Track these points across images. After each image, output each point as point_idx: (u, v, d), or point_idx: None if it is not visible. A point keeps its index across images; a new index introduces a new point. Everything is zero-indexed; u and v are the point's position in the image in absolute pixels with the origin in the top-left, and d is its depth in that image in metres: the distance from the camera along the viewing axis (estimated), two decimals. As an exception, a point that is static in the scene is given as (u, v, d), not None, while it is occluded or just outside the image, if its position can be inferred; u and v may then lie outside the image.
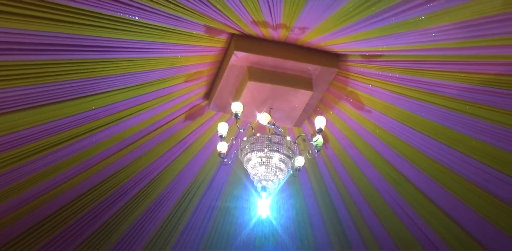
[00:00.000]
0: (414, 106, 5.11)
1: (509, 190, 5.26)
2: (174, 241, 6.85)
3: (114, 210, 6.22)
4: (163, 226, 6.68)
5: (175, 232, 6.79)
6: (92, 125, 5.18)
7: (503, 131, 4.82)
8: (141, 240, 6.68)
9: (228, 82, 5.25)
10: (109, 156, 5.64)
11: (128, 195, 6.17)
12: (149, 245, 6.78)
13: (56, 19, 3.95)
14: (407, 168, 5.80)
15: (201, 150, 6.04)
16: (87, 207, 6.02)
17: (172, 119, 5.61)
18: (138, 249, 6.73)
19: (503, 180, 5.22)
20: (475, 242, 5.97)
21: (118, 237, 6.50)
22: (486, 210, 5.60)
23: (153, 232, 6.69)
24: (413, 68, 4.75)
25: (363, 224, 6.71)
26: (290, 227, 7.02)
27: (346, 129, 5.73)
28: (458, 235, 6.05)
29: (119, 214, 6.29)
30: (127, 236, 6.53)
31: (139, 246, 6.71)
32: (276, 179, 4.91)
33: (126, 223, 6.42)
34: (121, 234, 6.50)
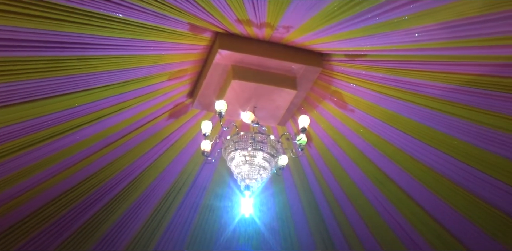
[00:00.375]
0: (397, 106, 5.14)
1: (489, 189, 5.29)
2: (157, 240, 6.83)
3: (97, 208, 6.19)
4: (146, 224, 6.66)
5: (158, 230, 6.77)
6: (75, 122, 5.14)
7: (483, 131, 4.86)
8: (124, 238, 6.65)
9: (212, 81, 5.24)
10: (93, 153, 5.61)
11: (112, 192, 6.14)
12: (132, 244, 6.75)
13: (38, 16, 3.92)
14: (389, 167, 5.84)
15: (185, 148, 6.02)
16: (70, 204, 5.99)
17: (155, 117, 5.59)
18: (121, 247, 6.71)
19: (483, 179, 5.26)
20: (457, 242, 6.01)
21: (101, 234, 6.46)
22: (468, 209, 5.64)
23: (136, 230, 6.66)
24: (396, 68, 4.78)
25: (346, 223, 6.73)
26: (274, 225, 7.03)
27: (329, 128, 5.75)
28: (440, 235, 6.08)
29: (102, 212, 6.26)
30: (110, 234, 6.50)
31: (122, 244, 6.69)
32: (259, 178, 4.91)
33: (109, 221, 6.39)
34: (104, 232, 6.46)
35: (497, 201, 5.36)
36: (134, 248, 6.77)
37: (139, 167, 6.04)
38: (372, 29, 4.29)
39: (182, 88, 5.45)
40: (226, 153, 4.97)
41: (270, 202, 6.79)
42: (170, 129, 5.80)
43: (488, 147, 4.98)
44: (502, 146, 4.88)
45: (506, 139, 4.79)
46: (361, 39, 4.51)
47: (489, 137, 4.89)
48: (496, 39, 4.01)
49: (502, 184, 5.16)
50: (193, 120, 5.80)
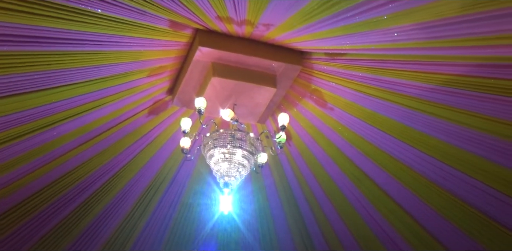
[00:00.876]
0: (375, 104, 5.18)
1: (466, 188, 5.35)
2: (135, 237, 6.80)
3: (77, 203, 6.15)
4: (125, 221, 6.63)
5: (137, 227, 6.74)
6: (53, 118, 5.10)
7: (460, 130, 4.92)
8: (103, 235, 6.61)
9: (192, 78, 5.23)
10: (71, 149, 5.57)
11: (91, 188, 6.11)
12: (110, 240, 6.72)
13: (14, 10, 3.86)
14: (367, 165, 5.88)
15: (164, 145, 6.01)
16: (49, 200, 5.94)
17: (135, 114, 5.57)
18: (100, 244, 6.67)
19: (460, 178, 5.32)
20: (434, 239, 6.07)
21: (81, 229, 6.43)
22: (444, 208, 5.70)
23: (115, 227, 6.63)
24: (375, 67, 4.81)
25: (324, 220, 6.76)
26: (253, 223, 7.04)
27: (309, 126, 5.77)
28: (417, 232, 6.14)
29: (81, 208, 6.23)
30: (90, 229, 6.47)
31: (101, 241, 6.65)
32: (238, 175, 4.92)
33: (89, 216, 6.36)
34: (84, 227, 6.43)
35: (473, 200, 5.42)
36: (113, 244, 6.74)
37: (119, 163, 6.01)
38: (351, 28, 4.31)
39: (162, 85, 5.43)
40: (205, 150, 4.97)
41: (249, 200, 6.80)
42: (149, 126, 5.78)
43: (464, 146, 5.04)
44: (478, 145, 4.93)
45: (482, 138, 4.84)
46: (341, 38, 4.53)
47: (466, 136, 4.94)
48: (473, 39, 4.05)
49: (478, 183, 5.22)
50: (172, 117, 5.78)
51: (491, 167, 5.01)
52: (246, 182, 6.51)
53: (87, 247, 6.57)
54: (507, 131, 4.64)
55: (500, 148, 4.81)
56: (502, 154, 4.85)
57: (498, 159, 4.90)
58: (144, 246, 6.93)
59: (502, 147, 4.81)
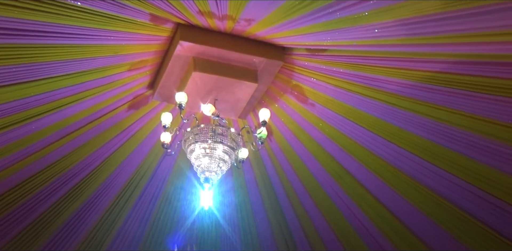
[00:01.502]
0: (356, 101, 5.20)
1: (444, 184, 5.41)
2: (115, 232, 6.76)
3: (55, 198, 6.10)
4: (105, 217, 6.59)
5: (117, 223, 6.70)
6: (32, 112, 5.05)
7: (438, 126, 4.96)
8: (82, 231, 6.57)
9: (173, 72, 5.21)
10: (50, 143, 5.52)
11: (71, 183, 6.06)
12: (89, 236, 6.67)
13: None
14: (348, 161, 5.91)
15: (145, 139, 5.98)
16: (27, 195, 5.88)
17: (115, 108, 5.53)
18: (78, 239, 6.61)
19: (438, 174, 5.37)
20: (413, 235, 6.13)
21: (60, 225, 6.37)
22: (423, 203, 5.75)
23: (94, 223, 6.59)
24: (356, 63, 4.83)
25: (304, 215, 6.78)
26: (233, 218, 7.05)
27: (290, 122, 5.78)
28: (396, 227, 6.19)
29: (61, 202, 6.17)
30: (69, 224, 6.42)
31: (80, 236, 6.60)
32: (219, 171, 4.91)
33: (68, 211, 6.31)
34: (63, 222, 6.38)
35: (451, 195, 5.48)
36: (92, 238, 6.69)
37: (98, 158, 5.97)
38: (333, 24, 4.32)
39: (142, 79, 5.40)
40: (186, 145, 4.96)
41: (229, 195, 6.80)
42: (129, 120, 5.74)
43: (443, 142, 5.09)
44: (456, 141, 4.99)
45: (460, 134, 4.90)
46: (322, 33, 4.54)
47: (444, 132, 4.99)
48: (452, 37, 4.09)
49: (456, 179, 5.28)
50: (153, 112, 5.75)
51: (468, 162, 5.06)
52: (227, 177, 6.51)
53: (66, 242, 6.52)
54: (484, 127, 4.69)
55: (478, 144, 4.87)
56: (480, 150, 4.90)
57: (475, 155, 4.96)
58: (124, 241, 6.89)
59: (479, 143, 4.86)
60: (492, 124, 4.63)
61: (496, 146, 4.79)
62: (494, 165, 4.94)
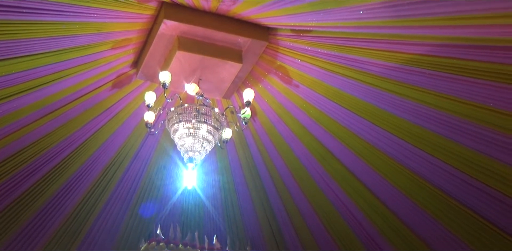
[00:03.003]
0: (341, 82, 5.19)
1: (428, 167, 5.44)
2: (97, 213, 6.72)
3: (35, 179, 6.04)
4: (86, 197, 6.55)
5: (99, 203, 6.67)
6: (12, 90, 4.98)
7: (423, 110, 4.97)
8: (63, 211, 6.51)
9: (157, 51, 5.16)
10: (31, 122, 5.46)
11: (51, 163, 6.00)
12: (71, 217, 6.62)
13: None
14: (332, 144, 5.92)
15: (128, 119, 5.94)
16: (7, 174, 5.82)
17: (98, 87, 5.47)
18: (59, 220, 6.56)
19: (422, 157, 5.39)
20: (397, 218, 6.15)
21: (39, 206, 6.32)
22: (407, 187, 5.76)
23: (76, 203, 6.55)
24: (341, 45, 4.81)
25: (288, 197, 6.81)
26: (217, 198, 7.05)
27: (274, 103, 5.77)
28: (380, 210, 6.22)
29: (42, 182, 6.11)
30: (48, 206, 6.37)
31: (60, 217, 6.54)
32: (203, 150, 4.92)
33: (49, 192, 6.25)
34: (43, 203, 6.32)
35: (434, 179, 5.50)
36: (74, 219, 6.66)
37: (80, 137, 5.92)
38: (318, 5, 4.29)
39: (126, 58, 5.35)
40: (169, 124, 4.95)
41: (213, 175, 6.80)
42: (112, 100, 5.69)
43: (427, 125, 5.11)
44: (441, 125, 5.00)
45: (444, 117, 4.91)
46: (307, 14, 4.50)
47: (428, 115, 5.01)
48: (437, 19, 4.08)
49: (439, 162, 5.30)
50: (136, 91, 5.71)
51: (452, 146, 5.08)
52: (211, 158, 6.51)
53: (48, 221, 6.49)
54: (467, 111, 4.71)
55: (461, 127, 4.88)
56: (463, 133, 4.92)
57: (458, 138, 4.98)
58: (106, 221, 6.87)
59: (463, 127, 4.88)
60: (476, 108, 4.65)
61: (479, 130, 4.80)
62: (477, 148, 4.95)
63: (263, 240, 7.25)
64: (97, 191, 6.54)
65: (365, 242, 6.60)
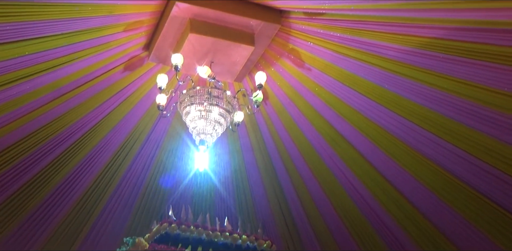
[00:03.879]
0: (354, 66, 5.16)
1: (440, 151, 5.41)
2: (109, 195, 6.77)
3: (48, 160, 6.09)
4: (99, 179, 6.60)
5: (111, 185, 6.71)
6: (25, 71, 5.00)
7: (436, 94, 4.93)
8: (75, 193, 6.57)
9: (169, 34, 5.16)
10: (44, 104, 5.49)
11: (63, 146, 6.05)
12: (83, 198, 6.67)
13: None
14: (344, 127, 5.90)
15: (140, 101, 5.96)
16: (19, 156, 5.88)
17: (110, 69, 5.48)
18: (71, 202, 6.62)
19: (434, 141, 5.36)
20: (405, 199, 6.13)
21: (51, 188, 6.37)
22: (416, 169, 5.74)
23: (88, 185, 6.60)
24: (354, 28, 4.77)
25: (299, 180, 6.82)
26: (228, 181, 7.09)
27: (286, 86, 5.76)
28: (389, 192, 6.20)
29: (53, 165, 6.17)
30: (60, 188, 6.42)
31: (72, 199, 6.60)
32: (214, 133, 4.93)
33: (60, 174, 6.31)
34: (54, 186, 6.38)
35: (444, 162, 5.47)
36: (86, 201, 6.72)
37: (92, 120, 5.96)
38: (331, -13, 4.26)
39: (138, 40, 5.34)
40: (181, 107, 4.97)
41: (224, 158, 6.83)
42: (124, 82, 5.71)
43: (439, 109, 5.07)
44: (453, 109, 4.96)
45: (457, 102, 4.87)
46: (320, -3, 4.48)
47: (441, 100, 4.97)
48: (452, 3, 4.03)
49: (453, 147, 5.26)
50: (148, 73, 5.72)
51: (463, 130, 5.04)
52: (222, 141, 6.52)
53: (61, 202, 6.55)
54: (481, 94, 4.66)
55: (474, 111, 4.83)
56: (476, 117, 4.87)
57: (471, 122, 4.93)
58: (118, 203, 6.92)
59: (475, 111, 4.83)
60: (489, 92, 4.60)
61: (494, 115, 4.75)
62: (491, 133, 4.91)
63: (274, 223, 7.28)
64: (109, 173, 6.59)
65: (373, 223, 6.59)
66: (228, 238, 4.83)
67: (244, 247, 4.83)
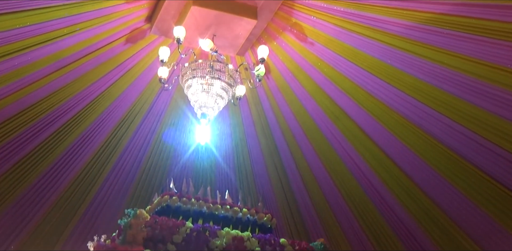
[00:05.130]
0: (357, 41, 5.13)
1: (440, 127, 5.41)
2: (109, 168, 6.77)
3: (51, 131, 6.09)
4: (100, 151, 6.61)
5: (112, 157, 6.72)
6: (27, 42, 4.97)
7: (440, 70, 4.91)
8: (76, 165, 6.58)
9: (171, 6, 5.12)
10: (45, 76, 5.47)
11: (64, 118, 6.04)
12: (84, 170, 6.67)
13: None
14: (346, 103, 5.90)
15: (141, 74, 5.94)
16: (22, 126, 5.87)
17: (112, 41, 5.45)
18: (72, 174, 6.63)
19: (435, 117, 5.36)
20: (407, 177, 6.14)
21: (52, 161, 6.37)
22: (417, 145, 5.75)
23: (89, 157, 6.61)
24: (357, 2, 4.73)
25: (300, 154, 6.84)
26: (229, 154, 7.11)
27: (288, 60, 5.73)
28: (390, 168, 6.21)
29: (53, 137, 6.17)
30: (61, 160, 6.42)
31: (74, 171, 6.61)
32: (216, 107, 4.93)
33: (61, 147, 6.31)
34: (55, 158, 6.38)
35: (447, 139, 5.48)
36: (87, 173, 6.74)
37: (93, 92, 5.94)
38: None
39: (140, 12, 5.30)
40: (183, 80, 4.94)
41: (226, 131, 6.83)
42: (126, 54, 5.68)
43: (442, 85, 5.06)
44: (455, 85, 4.96)
45: (460, 78, 4.86)
46: (325, -30, 4.42)
47: (444, 76, 4.96)
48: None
49: (451, 122, 5.27)
50: (150, 46, 5.69)
51: (464, 106, 5.04)
52: (224, 114, 6.52)
53: (63, 173, 6.56)
54: (484, 71, 4.64)
55: (476, 88, 4.84)
56: (477, 94, 4.87)
57: (472, 98, 4.93)
58: (120, 175, 6.94)
59: (480, 88, 4.83)
60: (493, 69, 4.59)
61: (495, 91, 4.75)
62: (491, 109, 4.91)
63: (274, 196, 7.33)
64: (110, 145, 6.59)
65: (373, 198, 6.62)
66: (229, 211, 4.86)
67: (245, 220, 4.87)
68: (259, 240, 4.59)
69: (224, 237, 4.42)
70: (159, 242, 4.12)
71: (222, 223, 4.71)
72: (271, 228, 5.01)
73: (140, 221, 4.13)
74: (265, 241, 4.60)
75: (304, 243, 4.81)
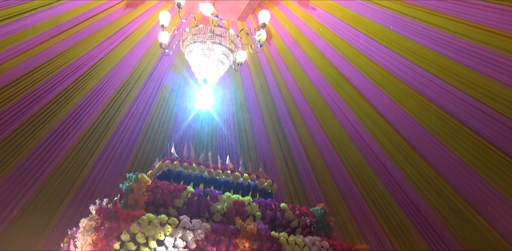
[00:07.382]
0: (359, 6, 5.08)
1: (442, 93, 5.39)
2: (110, 134, 6.81)
3: (53, 95, 6.09)
4: (101, 116, 6.63)
5: (113, 123, 6.75)
6: (26, 6, 4.93)
7: (443, 36, 4.87)
8: (78, 130, 6.60)
9: (172, -31, 5.03)
10: (44, 40, 5.44)
11: (64, 83, 6.03)
12: (85, 135, 6.70)
13: None
14: (348, 69, 5.87)
15: (142, 39, 5.90)
16: (24, 91, 5.86)
17: (112, 6, 5.41)
18: (74, 139, 6.65)
19: (437, 84, 5.34)
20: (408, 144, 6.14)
21: (53, 126, 6.39)
22: (419, 112, 5.75)
23: (90, 122, 6.63)
24: (361, -34, 4.67)
25: (300, 121, 6.86)
26: (230, 120, 7.13)
27: (290, 26, 5.68)
28: (391, 135, 6.22)
29: (54, 102, 6.17)
30: (62, 125, 6.44)
31: (75, 136, 6.63)
32: (217, 72, 4.90)
33: (62, 112, 6.33)
34: (56, 123, 6.40)
35: (448, 105, 5.47)
36: (90, 137, 6.75)
37: (93, 57, 5.91)
38: None
39: (140, -25, 5.22)
40: (184, 45, 4.89)
41: (226, 97, 6.83)
42: (126, 19, 5.63)
43: (445, 51, 5.02)
44: (459, 52, 4.92)
45: (463, 44, 4.82)
46: None
47: (447, 42, 4.92)
48: None
49: (452, 88, 5.24)
50: (150, 11, 5.63)
51: (466, 72, 5.02)
52: (225, 80, 6.50)
53: (65, 138, 6.57)
54: (488, 38, 4.60)
55: (479, 54, 4.80)
56: (479, 60, 4.84)
57: (474, 65, 4.90)
58: (121, 140, 6.97)
59: (483, 55, 4.79)
60: (497, 35, 4.54)
61: (499, 58, 4.71)
62: (490, 74, 4.88)
63: (275, 162, 7.38)
64: (112, 110, 6.60)
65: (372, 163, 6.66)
66: (230, 176, 4.89)
67: (245, 185, 4.91)
68: (259, 204, 4.63)
69: (225, 202, 4.46)
70: (160, 206, 4.17)
71: (223, 188, 4.74)
72: (272, 193, 5.06)
73: (142, 185, 4.17)
74: (266, 206, 4.65)
75: (304, 207, 4.86)
